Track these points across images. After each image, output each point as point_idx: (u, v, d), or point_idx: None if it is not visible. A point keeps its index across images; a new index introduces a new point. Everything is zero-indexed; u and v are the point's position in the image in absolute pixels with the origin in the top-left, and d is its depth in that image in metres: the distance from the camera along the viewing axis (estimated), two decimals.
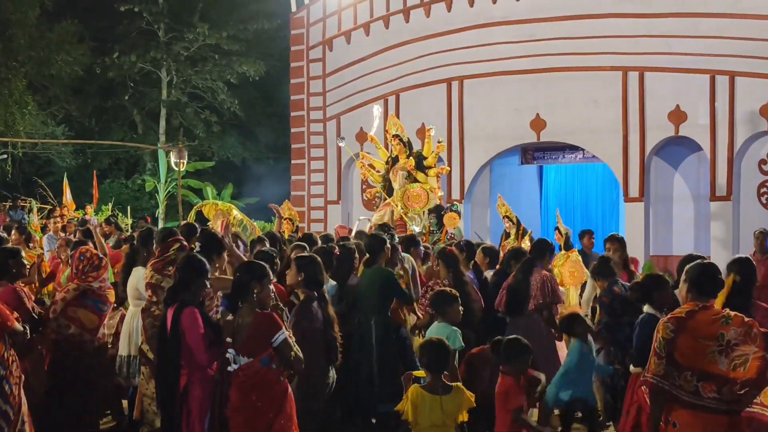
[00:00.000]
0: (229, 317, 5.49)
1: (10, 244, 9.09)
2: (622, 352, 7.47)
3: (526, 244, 10.94)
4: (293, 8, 20.50)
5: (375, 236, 8.72)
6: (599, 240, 11.37)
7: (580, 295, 10.06)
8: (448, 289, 7.37)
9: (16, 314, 6.02)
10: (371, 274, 8.13)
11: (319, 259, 7.14)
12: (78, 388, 7.25)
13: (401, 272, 8.33)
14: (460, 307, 7.04)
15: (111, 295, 7.66)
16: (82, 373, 7.27)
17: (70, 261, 8.46)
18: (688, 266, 5.12)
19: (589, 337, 7.42)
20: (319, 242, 9.51)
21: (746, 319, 4.87)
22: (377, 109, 15.09)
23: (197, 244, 6.82)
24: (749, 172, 15.42)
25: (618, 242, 9.76)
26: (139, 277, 7.60)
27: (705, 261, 5.38)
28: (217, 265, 6.55)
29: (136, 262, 8.06)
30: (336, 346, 6.89)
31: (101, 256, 7.75)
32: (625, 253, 9.76)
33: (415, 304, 8.31)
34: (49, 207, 20.73)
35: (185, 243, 7.61)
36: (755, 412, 4.77)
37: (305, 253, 7.50)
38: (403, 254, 8.65)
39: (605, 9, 16.10)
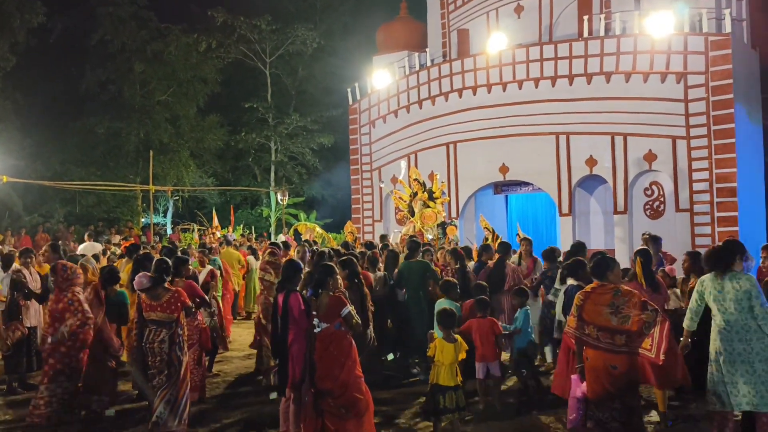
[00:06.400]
0: (314, 299, 5.50)
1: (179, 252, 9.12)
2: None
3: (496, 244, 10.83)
4: (350, 102, 20.63)
5: (413, 241, 8.44)
6: None
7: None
8: (451, 279, 7.22)
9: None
10: (414, 264, 7.83)
11: (355, 261, 7.08)
12: None
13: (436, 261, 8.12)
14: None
15: None
16: None
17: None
18: (591, 260, 5.14)
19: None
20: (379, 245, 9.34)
21: (632, 291, 4.90)
22: (403, 163, 15.18)
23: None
24: (638, 196, 15.21)
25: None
26: None
27: (600, 257, 5.17)
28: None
29: None
30: (368, 317, 6.76)
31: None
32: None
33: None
34: (204, 228, 21.00)
35: (281, 252, 7.73)
36: (641, 354, 4.87)
37: (346, 257, 7.23)
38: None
39: (544, 96, 16.02)
